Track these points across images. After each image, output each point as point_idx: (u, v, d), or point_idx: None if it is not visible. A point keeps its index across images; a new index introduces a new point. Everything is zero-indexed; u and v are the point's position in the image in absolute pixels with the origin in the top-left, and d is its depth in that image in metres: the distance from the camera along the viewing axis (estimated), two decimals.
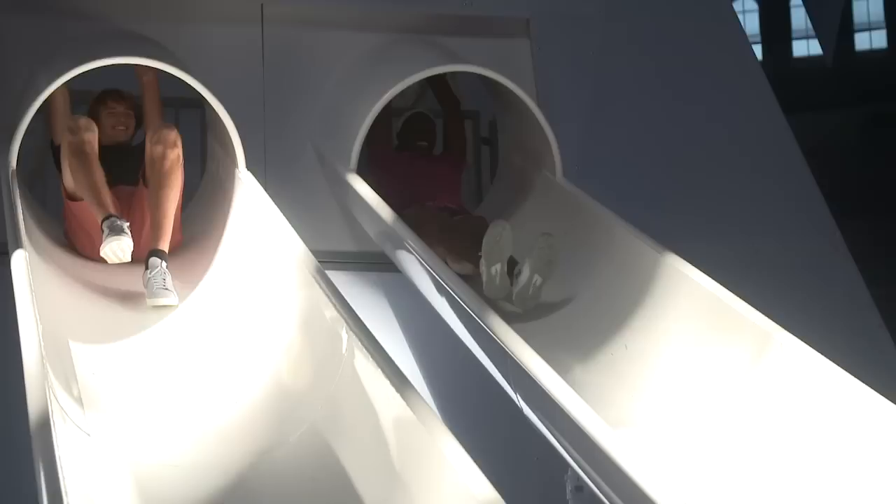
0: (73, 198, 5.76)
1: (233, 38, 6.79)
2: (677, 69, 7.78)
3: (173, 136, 5.76)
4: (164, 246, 5.57)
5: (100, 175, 5.59)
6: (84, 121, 5.69)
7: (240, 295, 5.38)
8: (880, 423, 4.53)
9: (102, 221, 5.38)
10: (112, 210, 5.45)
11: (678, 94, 7.70)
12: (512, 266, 5.77)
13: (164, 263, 5.46)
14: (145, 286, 5.40)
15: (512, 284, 5.74)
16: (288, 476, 4.41)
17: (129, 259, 5.39)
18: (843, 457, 4.58)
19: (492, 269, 5.69)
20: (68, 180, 5.70)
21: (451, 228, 6.14)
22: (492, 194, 7.05)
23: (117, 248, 5.31)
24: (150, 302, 5.36)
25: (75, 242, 5.90)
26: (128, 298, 5.51)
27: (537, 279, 5.66)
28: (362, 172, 6.38)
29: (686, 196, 7.32)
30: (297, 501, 4.30)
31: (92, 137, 5.64)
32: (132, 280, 5.55)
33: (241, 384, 4.95)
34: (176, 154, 5.74)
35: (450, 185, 6.67)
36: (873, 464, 4.48)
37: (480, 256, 5.77)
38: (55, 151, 5.93)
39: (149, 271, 5.42)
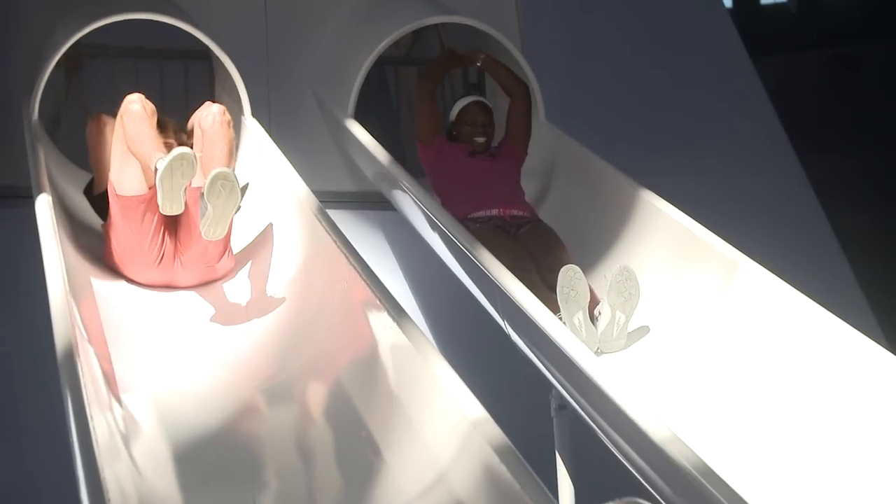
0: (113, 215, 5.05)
1: None
2: (653, 17, 7.78)
3: (217, 105, 5.27)
4: None
5: (155, 131, 4.98)
6: (139, 96, 5.07)
7: (245, 233, 5.40)
8: (837, 342, 4.56)
9: (157, 161, 4.70)
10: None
11: (653, 40, 7.70)
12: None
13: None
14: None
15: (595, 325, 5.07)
16: (292, 400, 4.45)
17: (184, 191, 4.64)
18: (803, 374, 4.61)
19: (574, 321, 5.00)
20: (115, 172, 5.03)
21: (517, 256, 5.38)
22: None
23: (177, 157, 4.59)
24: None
25: (117, 261, 5.14)
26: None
27: (620, 318, 4.99)
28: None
29: (660, 136, 7.33)
30: (301, 422, 4.33)
31: (147, 106, 5.03)
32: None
33: (248, 317, 4.98)
34: (221, 110, 5.20)
35: (512, 187, 5.88)
36: (830, 380, 4.52)
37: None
38: (95, 201, 5.37)
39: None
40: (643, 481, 4.11)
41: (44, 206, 4.84)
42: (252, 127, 5.86)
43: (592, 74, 7.38)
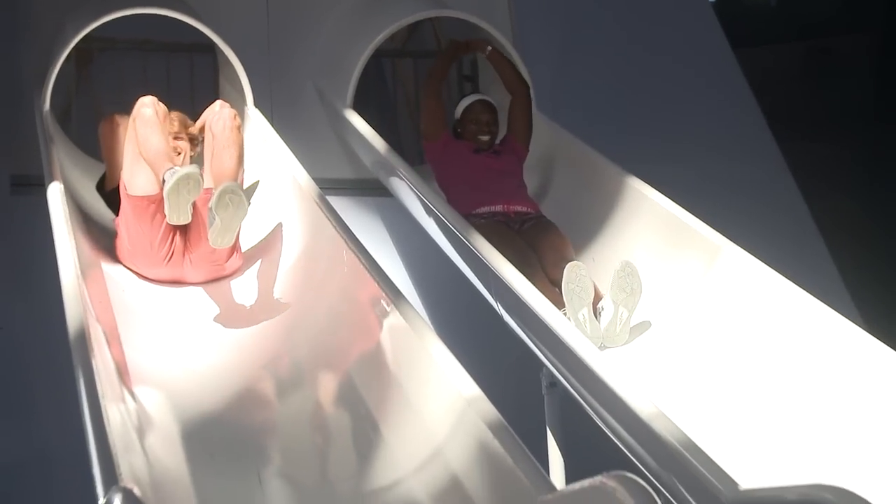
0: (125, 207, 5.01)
1: None
2: (640, 11, 7.78)
3: (228, 108, 5.17)
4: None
5: (167, 138, 4.97)
6: (152, 99, 5.02)
7: (249, 219, 5.40)
8: (815, 322, 4.57)
9: (166, 171, 4.74)
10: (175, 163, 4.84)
11: (640, 33, 7.70)
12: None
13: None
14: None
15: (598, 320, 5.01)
16: (295, 379, 4.46)
17: (191, 205, 4.66)
18: (783, 353, 4.63)
19: (579, 316, 4.93)
20: (127, 173, 4.99)
21: (521, 251, 5.32)
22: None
23: (183, 180, 4.60)
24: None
25: (127, 257, 5.09)
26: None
27: (623, 313, 4.93)
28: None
29: (647, 125, 7.33)
30: (303, 400, 4.34)
31: (159, 110, 4.98)
32: None
33: (253, 298, 4.99)
34: (231, 115, 5.11)
35: (515, 184, 5.80)
36: (808, 357, 4.54)
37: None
38: (108, 196, 5.33)
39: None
40: (630, 455, 4.13)
41: (55, 194, 4.84)
42: (255, 117, 5.86)
43: (581, 66, 7.37)
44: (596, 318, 4.94)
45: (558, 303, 4.87)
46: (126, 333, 4.57)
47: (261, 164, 5.56)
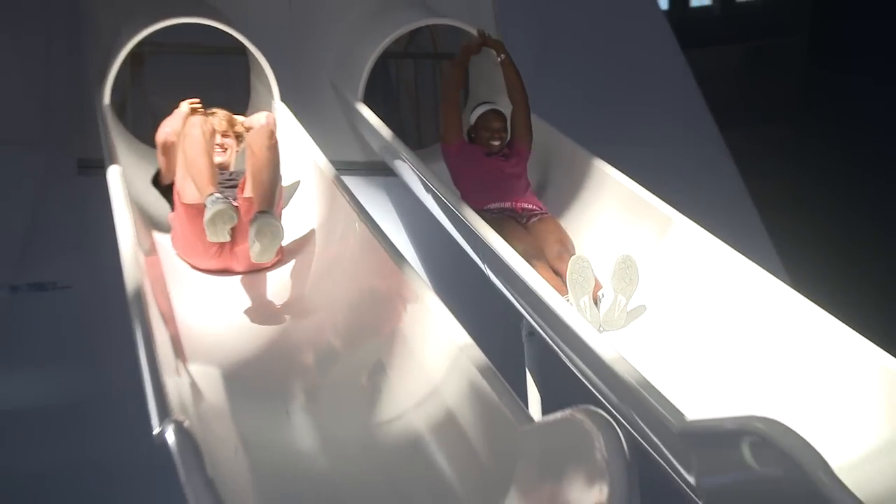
0: (178, 199, 4.88)
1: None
2: (604, 18, 7.74)
3: (266, 128, 4.91)
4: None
5: (211, 159, 4.78)
6: (200, 119, 4.91)
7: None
8: (751, 281, 4.59)
9: (207, 197, 4.57)
10: (217, 190, 4.64)
11: (604, 37, 7.66)
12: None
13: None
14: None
15: (598, 307, 4.86)
16: (316, 330, 4.45)
17: (229, 229, 4.56)
18: (724, 307, 4.65)
19: (580, 303, 4.77)
20: (179, 182, 4.86)
21: (528, 243, 5.17)
22: (465, 114, 7.01)
23: (219, 216, 4.48)
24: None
25: (181, 251, 4.96)
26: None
27: (621, 300, 4.78)
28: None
29: (609, 114, 7.30)
30: (322, 348, 4.34)
31: (207, 129, 4.86)
32: None
33: (278, 261, 4.98)
34: (268, 133, 4.85)
35: (523, 184, 5.59)
36: (745, 311, 4.55)
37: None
38: (165, 190, 5.13)
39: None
40: (595, 392, 4.16)
41: (115, 175, 4.84)
42: (281, 109, 5.85)
43: (555, 65, 7.35)
44: (596, 305, 4.83)
45: (560, 290, 4.78)
46: (174, 292, 4.58)
47: (287, 149, 5.56)
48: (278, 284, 4.83)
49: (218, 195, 4.55)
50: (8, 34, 6.09)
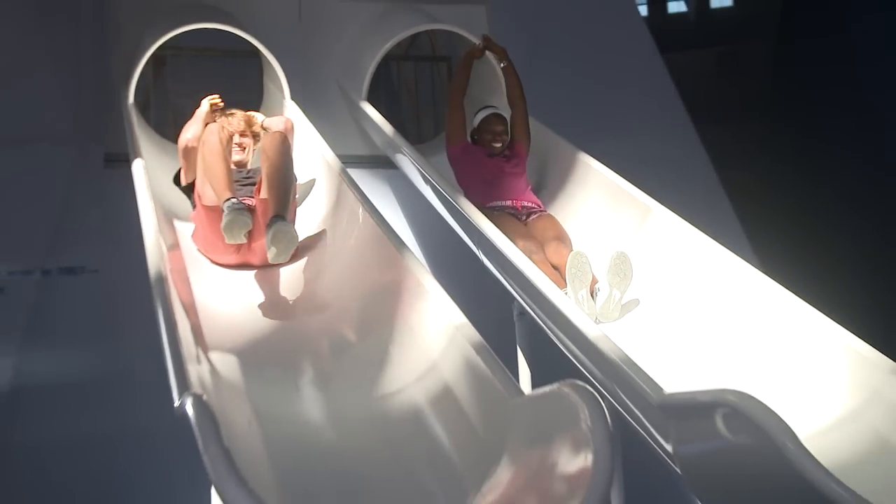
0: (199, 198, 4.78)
1: (278, 4, 6.68)
2: (588, 24, 7.72)
3: (279, 133, 4.77)
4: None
5: (228, 165, 4.70)
6: (217, 126, 4.82)
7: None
8: (723, 265, 4.60)
9: (224, 202, 4.51)
10: (234, 195, 4.57)
11: (588, 41, 7.63)
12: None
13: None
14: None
15: (594, 300, 4.77)
16: (324, 310, 4.45)
17: (245, 233, 4.51)
18: (699, 289, 4.65)
19: (578, 296, 4.69)
20: (199, 185, 4.77)
21: (527, 239, 5.08)
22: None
23: (234, 222, 4.44)
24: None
25: (202, 247, 4.89)
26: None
27: (616, 294, 4.70)
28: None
29: (594, 112, 7.29)
30: (330, 327, 4.32)
31: (224, 136, 4.81)
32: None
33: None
34: (282, 139, 4.73)
35: (523, 183, 5.53)
36: (717, 293, 4.56)
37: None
38: (186, 188, 5.06)
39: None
40: (581, 368, 4.16)
41: (138, 168, 4.83)
42: (292, 107, 5.84)
43: (543, 68, 7.31)
44: (592, 298, 4.77)
45: (558, 282, 4.74)
46: (193, 279, 4.57)
47: (298, 144, 5.55)
48: (291, 276, 4.80)
49: (234, 200, 4.50)
50: (42, 36, 6.08)
